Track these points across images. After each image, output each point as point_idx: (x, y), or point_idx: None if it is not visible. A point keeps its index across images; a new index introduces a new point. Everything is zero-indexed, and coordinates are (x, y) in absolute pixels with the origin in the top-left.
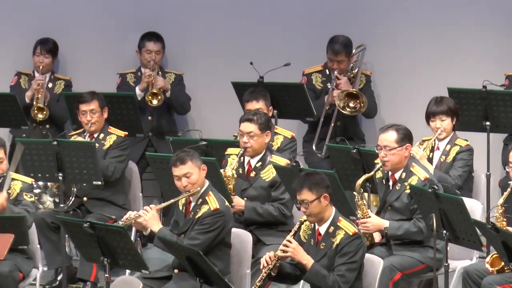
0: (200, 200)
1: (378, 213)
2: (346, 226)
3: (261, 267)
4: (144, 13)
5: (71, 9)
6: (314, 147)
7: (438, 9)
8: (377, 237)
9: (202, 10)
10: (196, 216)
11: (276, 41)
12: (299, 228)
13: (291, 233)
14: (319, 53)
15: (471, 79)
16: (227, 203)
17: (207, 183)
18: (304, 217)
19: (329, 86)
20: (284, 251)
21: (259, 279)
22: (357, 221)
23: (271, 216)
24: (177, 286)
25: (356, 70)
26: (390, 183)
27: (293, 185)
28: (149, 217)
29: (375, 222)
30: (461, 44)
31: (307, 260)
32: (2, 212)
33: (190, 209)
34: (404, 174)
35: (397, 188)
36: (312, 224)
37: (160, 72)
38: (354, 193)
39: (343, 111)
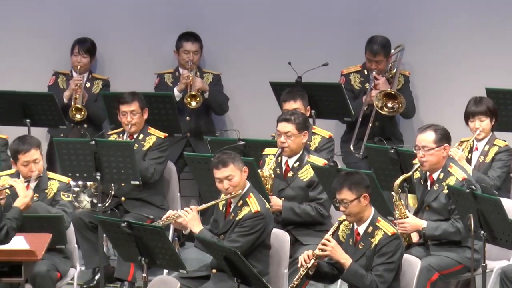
0: (241, 201)
1: (416, 214)
2: (385, 227)
3: (299, 265)
4: (182, 13)
5: (109, 9)
6: (352, 147)
7: (476, 9)
8: (415, 237)
9: (240, 10)
10: (237, 218)
11: (315, 41)
12: (338, 227)
13: (330, 232)
14: (357, 53)
15: (509, 79)
16: (267, 205)
17: (248, 184)
18: (343, 217)
19: (367, 86)
20: (322, 250)
21: (296, 277)
22: (395, 221)
23: (308, 216)
24: (215, 286)
25: (394, 71)
26: (428, 183)
27: (333, 184)
28: (189, 218)
29: (413, 223)
30: (499, 44)
31: (346, 260)
32: (27, 210)
33: (231, 210)
34: (442, 175)
35: (435, 188)
36: (351, 224)
37: (198, 73)
38: (392, 193)
39: (381, 112)
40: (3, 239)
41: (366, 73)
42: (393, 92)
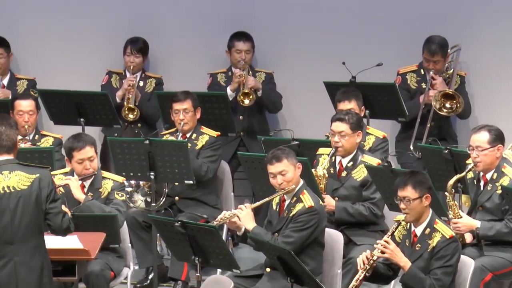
0: (295, 198)
1: (469, 214)
2: (443, 229)
3: (358, 267)
4: (235, 12)
5: (162, 8)
6: (411, 147)
7: None
8: (468, 237)
9: (293, 9)
10: (291, 214)
11: (369, 41)
12: (396, 229)
13: (389, 233)
14: (412, 53)
15: None
16: (321, 202)
17: (301, 181)
18: (400, 217)
19: (424, 86)
20: (382, 252)
21: (356, 278)
22: (449, 221)
23: (362, 216)
24: (268, 285)
25: (451, 71)
26: (482, 183)
27: (396, 182)
28: (243, 215)
29: (466, 223)
30: None
31: (405, 263)
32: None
33: (284, 208)
34: (495, 175)
35: (489, 188)
36: (408, 225)
37: (250, 72)
38: (446, 193)
39: (440, 112)
40: (68, 226)
41: (422, 72)
42: (451, 93)
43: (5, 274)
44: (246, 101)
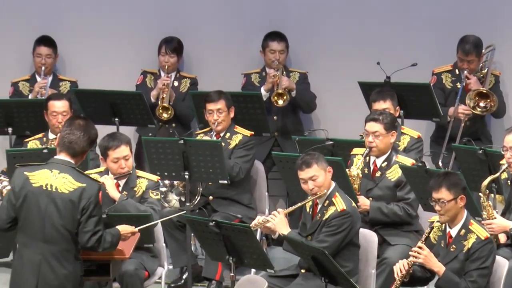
0: (327, 201)
1: (503, 214)
2: (478, 230)
3: (395, 275)
4: (270, 12)
5: (197, 9)
6: (443, 149)
7: None
8: (502, 238)
9: (328, 9)
10: (323, 218)
11: (404, 41)
12: (430, 232)
13: (422, 238)
14: (446, 53)
15: None
16: (354, 204)
17: (333, 184)
18: (434, 218)
19: (458, 86)
20: (416, 257)
21: (393, 287)
22: (483, 222)
23: (396, 216)
24: (303, 285)
25: (485, 70)
26: None
27: (431, 183)
28: (277, 221)
29: (500, 223)
30: None
31: (439, 268)
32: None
33: (317, 211)
34: None
35: None
36: (443, 226)
37: (284, 72)
38: (480, 194)
39: (473, 111)
40: (94, 245)
41: (457, 72)
42: (485, 91)
43: (29, 269)
44: (280, 102)
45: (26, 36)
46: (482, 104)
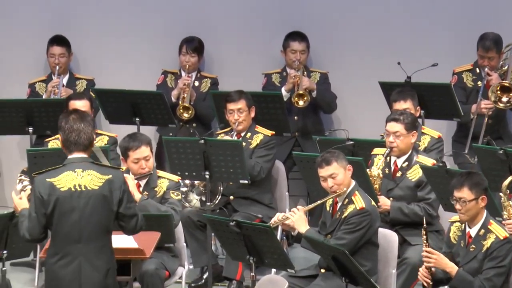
0: (347, 200)
1: None
2: (497, 230)
3: (424, 283)
4: (291, 12)
5: (218, 8)
6: (466, 150)
7: None
8: None
9: (349, 9)
10: (343, 216)
11: (424, 40)
12: (427, 235)
13: (425, 242)
14: (467, 53)
15: None
16: (373, 202)
17: (353, 183)
18: (455, 218)
19: (479, 84)
20: (427, 262)
21: None
22: (503, 222)
23: (416, 216)
24: (323, 285)
25: (506, 67)
26: None
27: (453, 182)
28: (296, 218)
29: None
30: None
31: (451, 268)
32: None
33: (337, 209)
34: None
35: None
36: (462, 226)
37: (305, 72)
38: (500, 194)
39: (496, 106)
40: (140, 229)
41: (478, 71)
42: (507, 84)
43: (70, 272)
44: (301, 103)
45: (42, 37)
46: (504, 98)
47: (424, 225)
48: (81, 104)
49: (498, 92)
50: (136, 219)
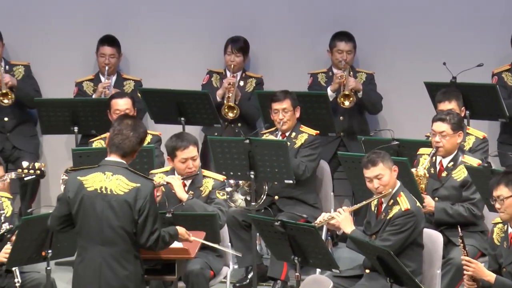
0: (392, 201)
1: None
2: None
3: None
4: (337, 12)
5: (263, 8)
6: None
7: None
8: None
9: (396, 9)
10: (388, 217)
11: (470, 41)
12: (463, 242)
13: (463, 251)
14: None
15: None
16: (418, 203)
17: (398, 183)
18: (497, 219)
19: None
20: (467, 270)
21: None
22: None
23: (461, 216)
24: (368, 285)
25: None
26: None
27: (490, 182)
28: (341, 218)
29: None
30: None
31: (489, 276)
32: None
33: (382, 210)
34: None
35: None
36: (505, 227)
37: (351, 72)
38: None
39: None
40: (152, 245)
41: None
42: None
43: (91, 273)
44: (346, 103)
45: (91, 36)
46: None
47: (460, 234)
48: (123, 103)
49: None
50: (149, 233)
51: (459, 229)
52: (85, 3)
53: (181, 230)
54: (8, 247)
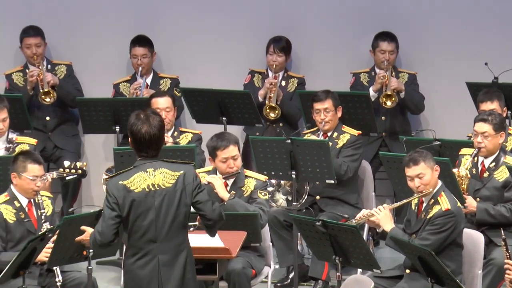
0: (432, 200)
1: None
2: None
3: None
4: (379, 12)
5: (305, 8)
6: None
7: None
8: None
9: (438, 10)
10: (428, 216)
11: None
12: (506, 246)
13: (506, 254)
14: None
15: None
16: (459, 203)
17: (439, 183)
18: None
19: None
20: (509, 274)
21: None
22: None
23: (503, 217)
24: (408, 286)
25: None
26: None
27: None
28: (381, 216)
29: None
30: None
31: None
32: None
33: (422, 209)
34: None
35: None
36: None
37: (393, 72)
38: None
39: None
40: (220, 216)
41: None
42: None
43: (149, 271)
44: (389, 103)
45: (127, 36)
46: None
47: (503, 236)
48: (163, 101)
49: None
50: (211, 203)
51: (502, 231)
52: (127, 2)
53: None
54: (49, 246)
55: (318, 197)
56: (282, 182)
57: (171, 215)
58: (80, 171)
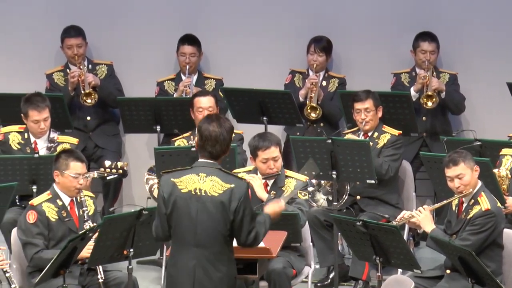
0: (472, 200)
1: None
2: None
3: None
4: (420, 12)
5: (346, 8)
6: None
7: None
8: None
9: (479, 10)
10: (468, 217)
11: None
12: None
13: None
14: None
15: None
16: (499, 204)
17: (479, 183)
18: None
19: None
20: None
21: None
22: None
23: None
24: (449, 286)
25: None
26: None
27: None
28: (422, 217)
29: None
30: None
31: None
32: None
33: (462, 210)
34: None
35: None
36: None
37: (434, 73)
38: None
39: None
40: (251, 243)
41: None
42: None
43: (185, 275)
44: (429, 103)
45: (172, 35)
46: None
47: None
48: (206, 101)
49: None
50: (247, 233)
51: None
52: (167, 2)
53: (269, 209)
54: (91, 244)
55: (358, 197)
56: (322, 182)
57: (211, 224)
58: (121, 171)
